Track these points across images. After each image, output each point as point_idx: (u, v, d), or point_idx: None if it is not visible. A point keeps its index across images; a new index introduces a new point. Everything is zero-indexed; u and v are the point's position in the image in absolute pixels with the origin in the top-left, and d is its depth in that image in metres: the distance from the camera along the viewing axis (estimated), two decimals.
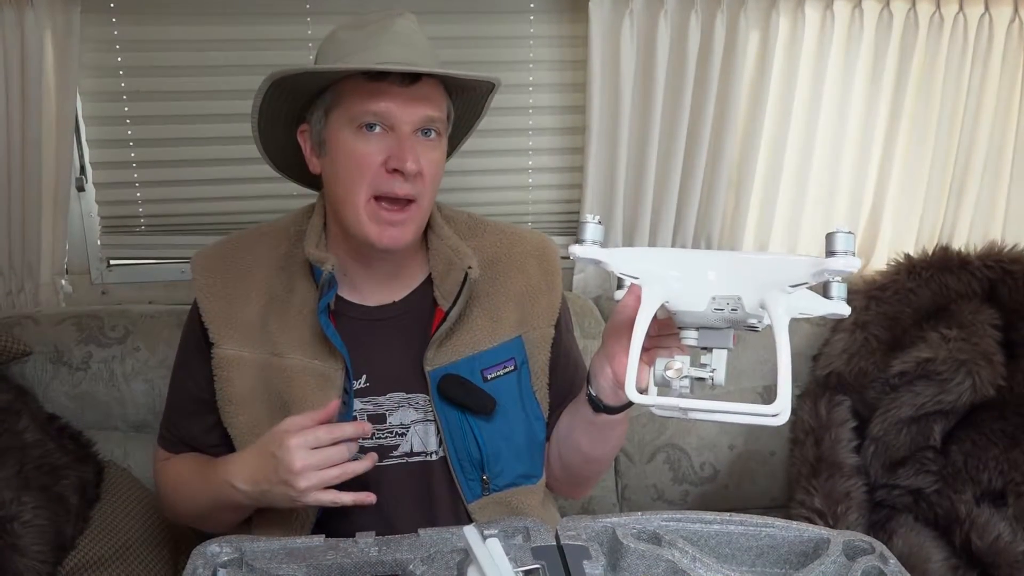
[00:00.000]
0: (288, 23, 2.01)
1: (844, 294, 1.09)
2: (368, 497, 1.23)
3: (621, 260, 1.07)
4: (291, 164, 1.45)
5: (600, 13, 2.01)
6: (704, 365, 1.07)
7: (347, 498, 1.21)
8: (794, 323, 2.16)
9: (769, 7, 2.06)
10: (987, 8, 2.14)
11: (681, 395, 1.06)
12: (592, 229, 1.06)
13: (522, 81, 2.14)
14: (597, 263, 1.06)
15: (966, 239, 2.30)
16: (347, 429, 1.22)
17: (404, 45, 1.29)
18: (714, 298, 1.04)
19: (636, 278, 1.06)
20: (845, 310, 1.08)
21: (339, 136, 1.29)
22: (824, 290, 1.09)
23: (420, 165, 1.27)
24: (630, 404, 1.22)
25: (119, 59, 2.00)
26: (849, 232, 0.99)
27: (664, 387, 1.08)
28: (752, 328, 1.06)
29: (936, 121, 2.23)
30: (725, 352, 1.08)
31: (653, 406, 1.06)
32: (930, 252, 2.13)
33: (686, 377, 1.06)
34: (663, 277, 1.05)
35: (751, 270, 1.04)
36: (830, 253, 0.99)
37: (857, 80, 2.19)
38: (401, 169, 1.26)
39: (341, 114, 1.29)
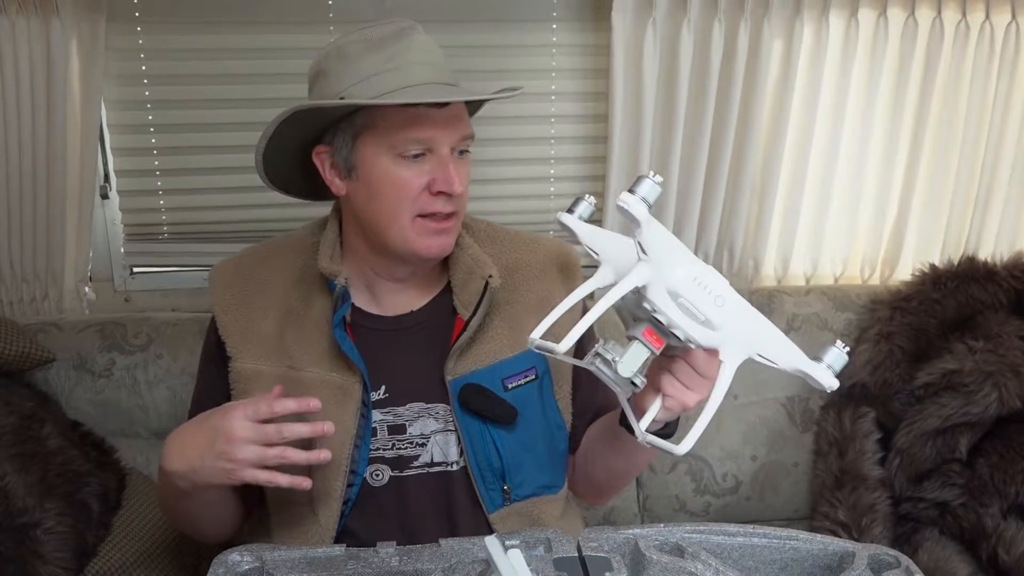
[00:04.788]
0: (311, 32, 2.02)
1: (839, 366, 1.06)
2: (304, 482, 1.19)
3: (653, 231, 1.05)
4: (290, 179, 1.43)
5: (623, 22, 2.00)
6: (618, 348, 1.06)
7: (283, 480, 1.17)
8: (817, 332, 2.15)
9: (793, 15, 2.05)
10: (1014, 16, 2.12)
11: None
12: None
13: (544, 90, 2.14)
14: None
15: (992, 249, 2.28)
16: (289, 404, 1.17)
17: (429, 64, 1.28)
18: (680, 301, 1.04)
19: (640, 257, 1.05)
20: (831, 383, 1.05)
21: (375, 162, 1.27)
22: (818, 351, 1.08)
23: (464, 185, 1.28)
24: (667, 435, 1.22)
25: (143, 68, 2.01)
26: (847, 352, 1.05)
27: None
28: (687, 345, 1.07)
29: (962, 130, 2.21)
30: (645, 351, 1.06)
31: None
32: (956, 262, 2.11)
33: (598, 355, 1.06)
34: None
35: (742, 315, 1.06)
36: (815, 359, 1.04)
37: (882, 88, 2.17)
38: (449, 192, 1.26)
39: (377, 140, 1.26)
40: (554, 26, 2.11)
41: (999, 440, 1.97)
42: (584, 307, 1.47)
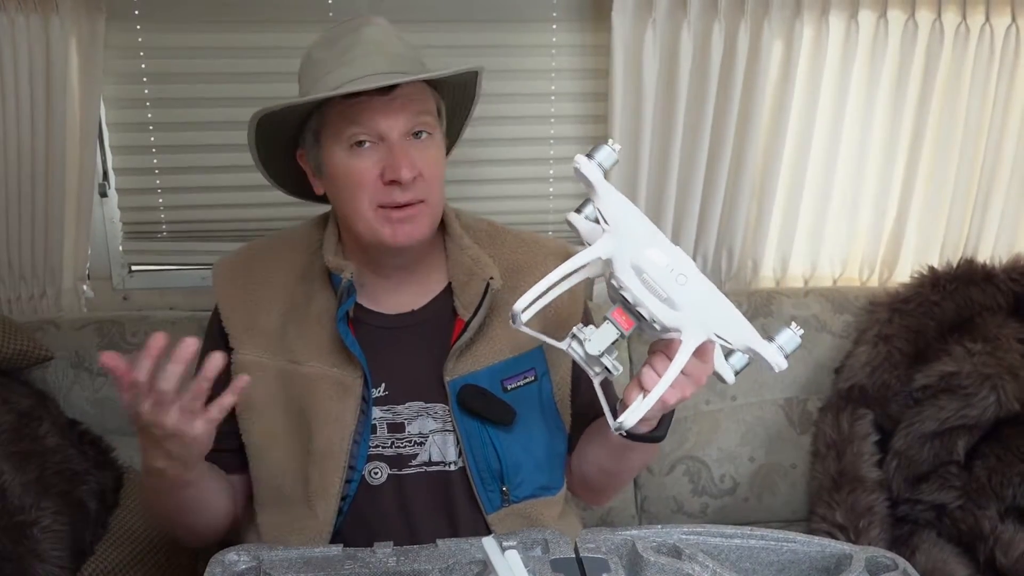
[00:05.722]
0: (311, 30, 1.99)
1: (790, 347, 1.09)
2: (240, 380, 1.12)
3: (609, 199, 1.11)
4: (298, 184, 1.44)
5: (623, 22, 2.00)
6: (593, 331, 1.11)
7: (228, 400, 1.11)
8: (816, 334, 2.14)
9: (793, 16, 2.05)
10: (1014, 18, 2.12)
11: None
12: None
13: (544, 90, 2.13)
14: (590, 185, 1.10)
15: (991, 252, 2.27)
16: (158, 340, 1.11)
17: (375, 54, 1.28)
18: (645, 280, 1.06)
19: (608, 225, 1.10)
20: (780, 363, 1.09)
21: (333, 157, 1.29)
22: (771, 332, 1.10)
23: (417, 169, 1.27)
24: (654, 437, 1.22)
25: (143, 66, 2.01)
26: (800, 334, 1.08)
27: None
28: (653, 327, 1.08)
29: (961, 132, 2.21)
30: (613, 331, 1.10)
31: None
32: (954, 264, 2.11)
33: (573, 337, 1.12)
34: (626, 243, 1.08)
35: (703, 294, 1.07)
36: (768, 339, 1.07)
37: (881, 90, 2.17)
38: (397, 179, 1.26)
39: (330, 136, 1.29)
40: (554, 26, 2.11)
41: (997, 442, 1.97)
42: (585, 307, 1.47)
